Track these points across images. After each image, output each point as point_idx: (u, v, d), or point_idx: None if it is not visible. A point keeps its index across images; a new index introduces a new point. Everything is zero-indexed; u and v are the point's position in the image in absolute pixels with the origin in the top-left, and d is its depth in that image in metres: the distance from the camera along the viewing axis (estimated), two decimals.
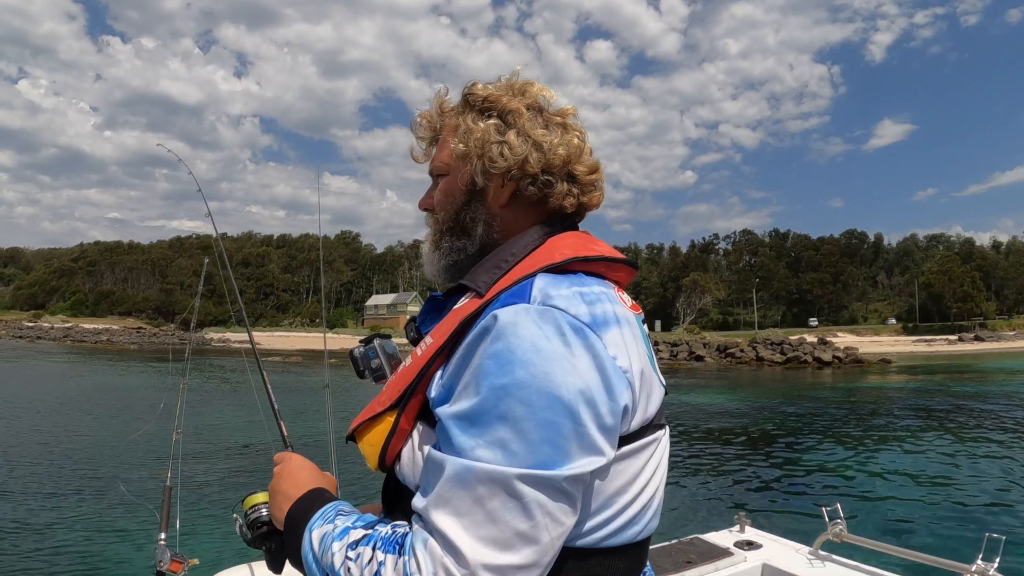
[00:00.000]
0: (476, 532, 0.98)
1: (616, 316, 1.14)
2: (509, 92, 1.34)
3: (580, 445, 1.02)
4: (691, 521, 9.46)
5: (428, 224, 1.42)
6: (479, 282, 1.24)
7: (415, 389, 1.19)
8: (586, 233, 1.37)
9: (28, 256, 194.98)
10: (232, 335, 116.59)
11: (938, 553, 3.11)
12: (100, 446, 14.77)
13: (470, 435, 1.02)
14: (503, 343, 1.04)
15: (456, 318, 1.18)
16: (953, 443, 16.26)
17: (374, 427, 1.23)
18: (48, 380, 32.69)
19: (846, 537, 3.35)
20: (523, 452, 0.99)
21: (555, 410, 1.00)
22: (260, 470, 12.91)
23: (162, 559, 2.84)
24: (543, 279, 1.16)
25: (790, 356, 62.04)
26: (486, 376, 1.04)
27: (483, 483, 0.99)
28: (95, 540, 8.79)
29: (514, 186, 1.31)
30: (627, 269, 1.32)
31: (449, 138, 1.36)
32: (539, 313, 1.07)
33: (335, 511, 1.21)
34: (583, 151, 1.34)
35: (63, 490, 11.19)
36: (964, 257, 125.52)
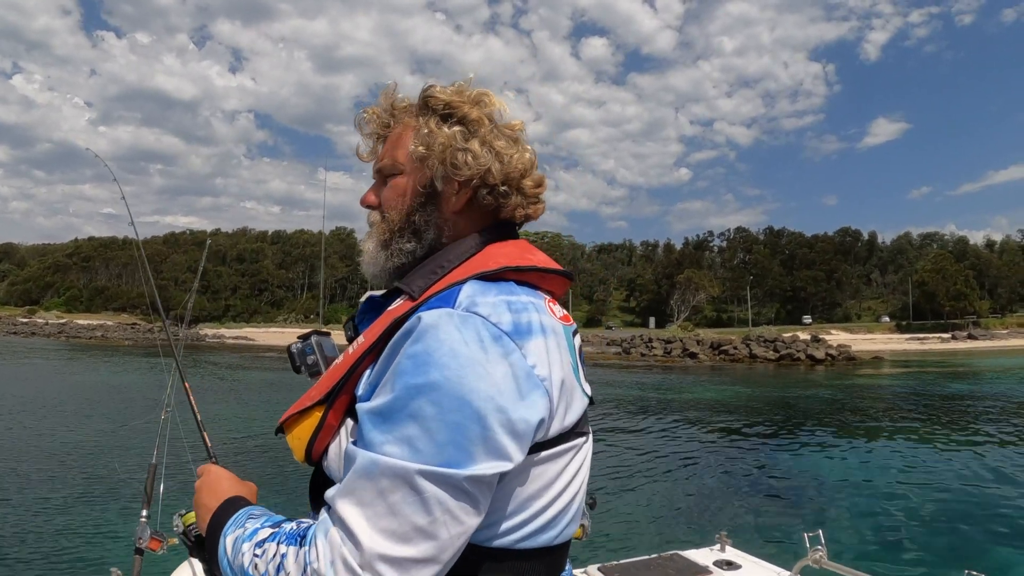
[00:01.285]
0: (376, 523, 1.01)
1: (541, 326, 1.16)
2: (469, 100, 1.35)
3: (485, 449, 1.04)
4: (671, 534, 9.37)
5: (372, 222, 1.42)
6: (414, 286, 1.26)
7: (343, 386, 1.21)
8: (523, 242, 1.39)
9: (22, 251, 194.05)
10: (226, 331, 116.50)
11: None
12: (92, 433, 14.80)
13: (381, 430, 1.05)
14: (422, 345, 1.07)
15: (388, 319, 1.21)
16: (944, 449, 16.14)
17: (302, 421, 1.25)
18: (43, 375, 32.71)
19: (825, 564, 3.33)
20: (428, 450, 1.02)
21: (464, 413, 1.03)
22: (250, 457, 12.98)
23: (142, 536, 2.82)
24: (472, 286, 1.18)
25: (783, 354, 62.11)
26: (402, 375, 1.06)
27: (387, 476, 1.02)
28: (77, 517, 8.87)
29: (469, 193, 1.33)
30: (561, 280, 1.34)
31: (405, 137, 1.37)
32: (461, 319, 1.10)
33: (246, 515, 1.23)
34: (533, 165, 1.38)
35: (52, 473, 11.27)
36: (958, 255, 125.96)
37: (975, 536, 9.74)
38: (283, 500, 10.43)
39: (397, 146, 1.38)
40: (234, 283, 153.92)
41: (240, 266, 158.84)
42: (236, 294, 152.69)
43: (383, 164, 1.39)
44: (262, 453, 14.21)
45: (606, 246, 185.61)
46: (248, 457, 13.77)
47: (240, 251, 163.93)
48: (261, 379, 35.04)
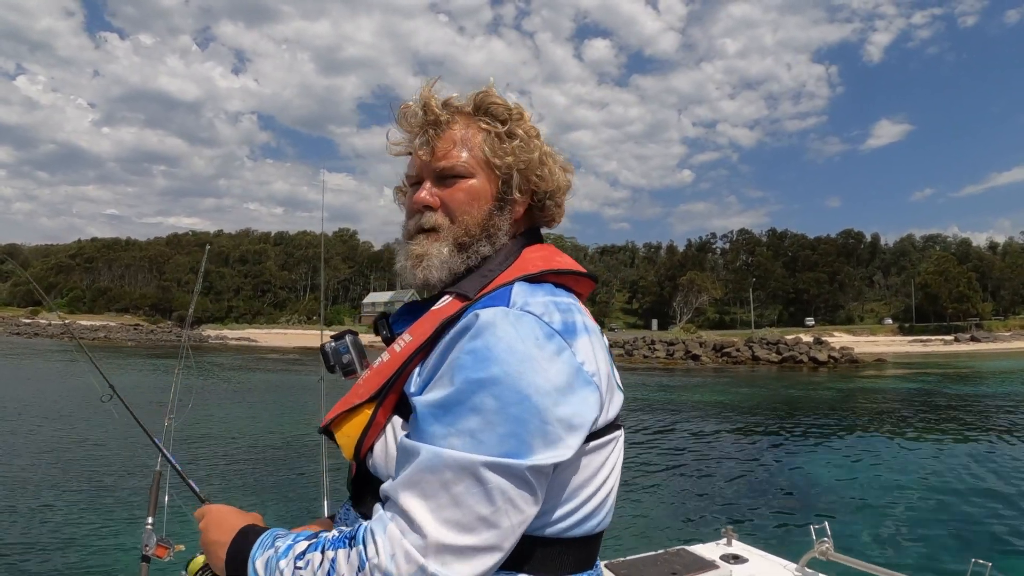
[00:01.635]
0: (440, 514, 1.03)
1: (584, 325, 1.21)
2: (519, 112, 1.41)
3: (544, 441, 1.08)
4: (677, 530, 9.40)
5: (436, 224, 1.37)
6: (469, 287, 1.29)
7: (393, 384, 1.24)
8: (551, 246, 1.44)
9: (25, 252, 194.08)
10: (229, 332, 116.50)
11: (925, 574, 3.15)
12: (95, 438, 14.81)
13: (443, 423, 1.08)
14: (481, 341, 1.11)
15: (436, 317, 1.25)
16: (947, 449, 16.15)
17: (351, 419, 1.27)
18: (45, 376, 32.74)
19: (832, 556, 3.35)
20: (491, 442, 1.05)
21: (524, 407, 1.06)
22: (253, 465, 13.00)
23: (148, 543, 2.83)
24: (520, 287, 1.24)
25: (786, 356, 61.97)
26: (462, 370, 1.10)
27: (451, 468, 1.04)
28: (85, 525, 8.85)
29: (528, 202, 1.41)
30: (589, 283, 1.39)
31: (472, 139, 1.37)
32: (516, 317, 1.14)
33: (271, 537, 1.22)
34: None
35: (56, 478, 11.22)
36: (960, 257, 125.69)
37: (979, 528, 9.82)
38: (292, 502, 10.44)
39: (464, 147, 1.37)
40: (237, 284, 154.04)
41: (243, 267, 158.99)
42: (239, 295, 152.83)
43: (449, 164, 1.36)
44: (269, 455, 14.22)
45: (608, 248, 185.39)
46: (254, 460, 13.76)
47: (243, 252, 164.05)
48: (264, 381, 35.05)
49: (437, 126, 1.37)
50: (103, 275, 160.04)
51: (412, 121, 1.41)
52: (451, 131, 1.37)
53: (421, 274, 1.36)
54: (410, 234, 1.41)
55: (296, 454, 14.27)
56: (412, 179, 1.44)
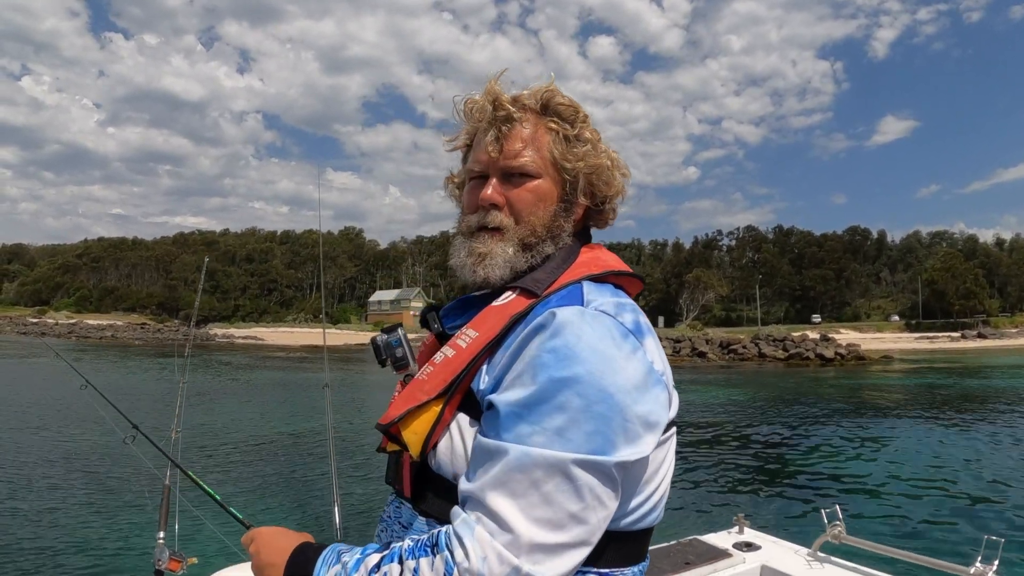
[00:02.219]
0: (531, 513, 1.03)
1: (647, 326, 1.25)
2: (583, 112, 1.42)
3: (626, 438, 1.09)
4: (690, 521, 9.40)
5: (500, 224, 1.35)
6: (536, 285, 1.28)
7: (461, 381, 1.23)
8: (602, 246, 1.47)
9: (32, 252, 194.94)
10: (236, 331, 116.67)
11: (937, 555, 3.09)
12: (104, 444, 14.83)
13: (528, 422, 1.08)
14: (561, 339, 1.11)
15: (504, 313, 1.25)
16: (954, 441, 16.15)
17: (419, 416, 1.24)
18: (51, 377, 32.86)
19: (845, 539, 3.34)
20: (578, 440, 1.06)
21: (608, 405, 1.08)
22: (260, 470, 13.05)
23: (160, 558, 2.85)
24: (589, 286, 1.27)
25: (792, 353, 61.84)
26: (544, 368, 1.10)
27: (540, 467, 1.05)
28: (95, 538, 8.77)
29: (587, 206, 1.42)
30: (639, 283, 1.42)
31: (540, 139, 1.36)
32: (593, 316, 1.16)
33: (335, 553, 1.19)
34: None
35: (63, 488, 11.17)
36: (967, 254, 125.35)
37: (990, 510, 9.91)
38: (302, 505, 10.45)
39: (533, 147, 1.36)
40: (243, 283, 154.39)
41: (249, 266, 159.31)
42: (245, 294, 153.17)
43: (519, 164, 1.35)
44: (277, 456, 14.22)
45: (614, 245, 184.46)
46: (262, 461, 13.75)
47: (249, 251, 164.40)
48: (271, 379, 35.08)
49: (508, 122, 1.35)
50: (110, 274, 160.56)
51: (478, 116, 1.40)
52: (520, 129, 1.36)
53: (483, 272, 1.34)
54: (471, 230, 1.38)
55: (304, 455, 14.24)
56: (475, 174, 1.41)
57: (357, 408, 22.84)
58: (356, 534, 8.68)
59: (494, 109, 1.36)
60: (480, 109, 1.39)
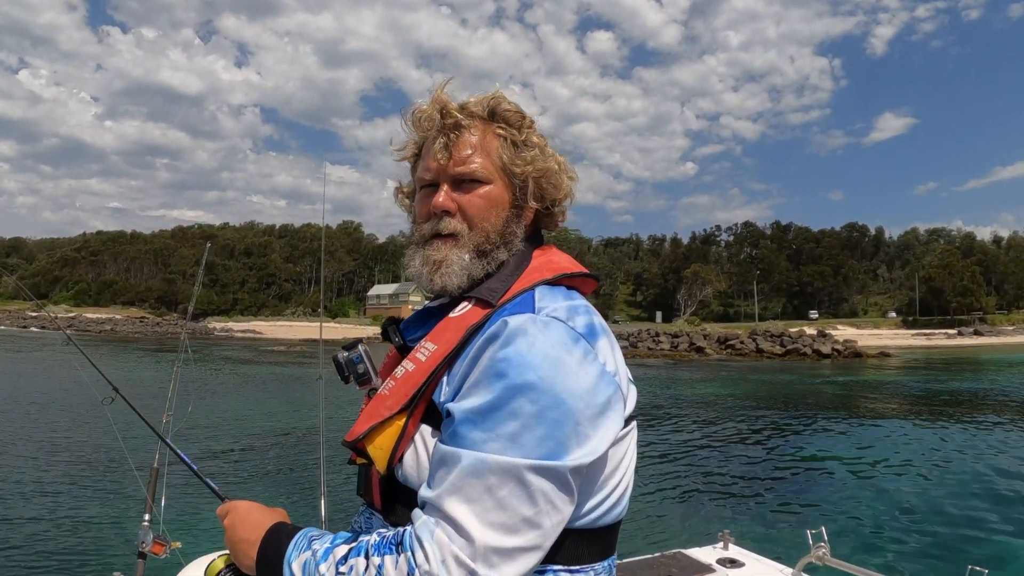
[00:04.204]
0: (486, 518, 1.06)
1: (601, 327, 1.26)
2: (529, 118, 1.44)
3: (579, 441, 1.12)
4: (675, 533, 9.28)
5: (454, 231, 1.36)
6: (491, 294, 1.30)
7: (423, 393, 1.24)
8: (553, 247, 1.48)
9: (30, 246, 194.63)
10: (235, 324, 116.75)
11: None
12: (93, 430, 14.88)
13: (482, 429, 1.10)
14: (514, 347, 1.14)
15: (461, 325, 1.27)
16: (948, 447, 15.99)
17: (383, 431, 1.26)
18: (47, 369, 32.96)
19: (828, 560, 3.34)
20: (531, 445, 1.08)
21: (560, 410, 1.10)
22: (251, 460, 13.17)
23: (144, 540, 2.87)
24: (541, 292, 1.28)
25: (790, 348, 62.00)
26: (498, 376, 1.12)
27: (495, 473, 1.07)
28: (80, 520, 8.82)
29: (536, 209, 1.42)
30: (593, 282, 1.43)
31: (489, 145, 1.37)
32: (544, 323, 1.18)
33: (306, 539, 1.21)
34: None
35: (53, 472, 11.29)
36: (964, 251, 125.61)
37: (979, 532, 9.73)
38: (290, 495, 10.57)
39: (482, 153, 1.37)
40: (242, 277, 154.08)
41: (248, 260, 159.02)
42: (244, 288, 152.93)
43: (469, 170, 1.36)
44: (267, 449, 14.34)
45: (612, 240, 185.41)
46: (251, 454, 13.87)
47: (248, 245, 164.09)
48: (267, 373, 35.21)
49: (457, 129, 1.36)
50: (109, 268, 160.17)
51: (426, 124, 1.40)
52: (469, 136, 1.36)
53: (439, 280, 1.35)
54: (425, 238, 1.39)
55: (295, 447, 14.43)
56: (426, 182, 1.41)
57: (351, 402, 22.60)
58: (342, 525, 8.82)
59: (442, 117, 1.36)
60: (428, 118, 1.39)
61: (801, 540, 3.43)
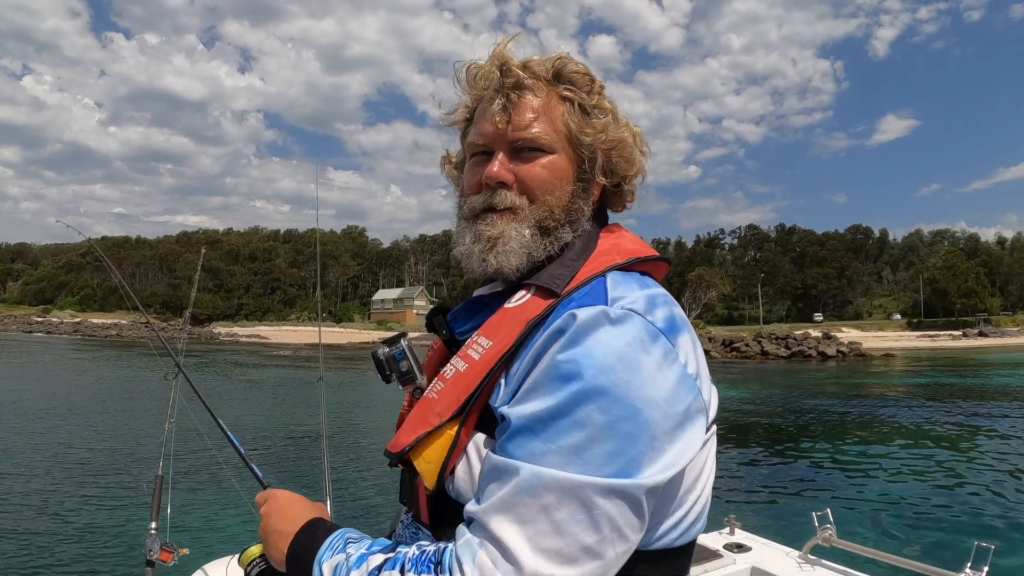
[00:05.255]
0: (539, 543, 0.93)
1: (682, 320, 1.11)
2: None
3: (653, 456, 0.97)
4: None
5: (512, 204, 1.19)
6: (555, 281, 1.13)
7: (477, 397, 1.09)
8: (620, 227, 1.33)
9: (35, 251, 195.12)
10: (240, 329, 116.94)
11: (927, 560, 3.13)
12: (99, 438, 14.92)
13: (542, 439, 0.96)
14: (582, 346, 0.99)
15: (520, 317, 1.10)
16: (951, 441, 16.21)
17: (432, 442, 1.10)
18: (54, 374, 33.12)
19: (835, 542, 3.33)
20: (598, 461, 0.94)
21: (635, 421, 0.95)
22: (256, 458, 13.13)
23: (152, 548, 2.84)
24: (614, 279, 1.12)
25: (794, 350, 61.95)
26: (564, 379, 0.97)
27: (553, 491, 0.93)
28: (87, 529, 8.78)
29: (604, 185, 1.27)
30: (665, 266, 1.27)
31: (554, 110, 1.21)
32: (620, 317, 1.02)
33: (343, 540, 1.13)
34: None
35: (57, 480, 11.23)
36: (969, 253, 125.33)
37: (983, 515, 9.90)
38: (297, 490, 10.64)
39: (545, 117, 1.20)
40: (247, 282, 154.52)
41: (252, 265, 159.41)
42: (249, 293, 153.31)
43: (531, 136, 1.19)
44: (271, 452, 14.42)
45: None
46: (261, 450, 13.98)
47: (252, 250, 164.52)
48: (273, 377, 35.25)
49: (518, 89, 1.19)
50: (113, 273, 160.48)
51: (482, 83, 1.23)
52: (531, 98, 1.20)
53: (495, 260, 1.18)
54: (475, 212, 1.22)
55: (298, 449, 14.50)
56: (478, 148, 1.24)
57: (353, 404, 23.05)
58: (347, 523, 8.89)
59: (502, 75, 1.20)
60: (485, 75, 1.22)
61: (807, 523, 3.46)
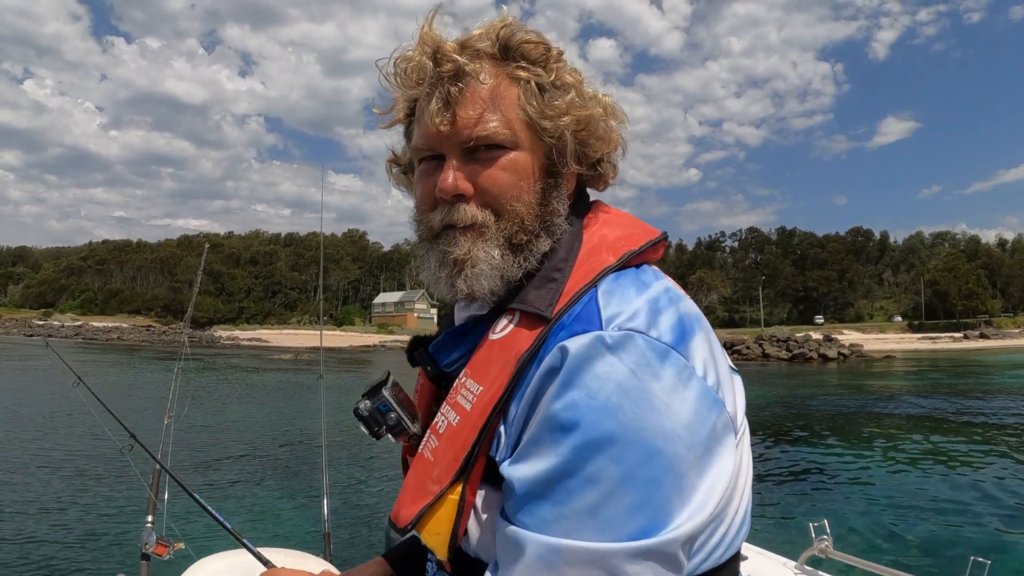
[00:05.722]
0: None
1: (691, 316, 0.96)
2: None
3: (683, 498, 0.84)
4: None
5: (477, 221, 1.01)
6: (541, 303, 0.96)
7: (476, 454, 0.95)
8: (602, 204, 1.16)
9: (36, 255, 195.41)
10: (241, 333, 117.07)
11: (924, 573, 3.19)
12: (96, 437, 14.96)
13: (552, 503, 0.84)
14: (581, 388, 0.85)
15: (508, 354, 0.95)
16: (951, 447, 16.09)
17: (436, 512, 0.97)
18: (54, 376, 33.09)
19: (831, 553, 3.26)
20: (619, 520, 0.82)
21: (655, 464, 0.83)
22: (256, 460, 13.18)
23: (148, 542, 2.86)
24: (606, 290, 0.95)
25: (795, 353, 62.09)
26: (563, 431, 0.84)
27: (573, 565, 0.82)
28: (83, 522, 8.82)
29: (578, 172, 1.08)
30: (663, 244, 1.11)
31: (507, 95, 1.01)
32: (618, 342, 0.87)
33: None
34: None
35: (54, 474, 11.29)
36: (969, 255, 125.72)
37: (981, 527, 9.78)
38: (302, 495, 10.65)
39: (497, 107, 1.00)
40: (248, 285, 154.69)
41: (253, 268, 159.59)
42: (250, 296, 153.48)
43: (484, 133, 0.99)
44: (269, 456, 14.34)
45: None
46: (253, 461, 13.83)
47: (253, 254, 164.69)
48: (272, 380, 35.26)
49: (459, 78, 1.00)
50: (115, 277, 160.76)
51: (416, 76, 1.04)
52: (476, 85, 1.00)
53: (464, 284, 1.01)
54: (434, 231, 1.05)
55: (297, 449, 14.51)
56: (424, 153, 1.05)
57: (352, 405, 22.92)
58: (345, 523, 9.02)
59: (436, 64, 1.01)
60: (417, 67, 1.04)
61: (804, 534, 3.42)
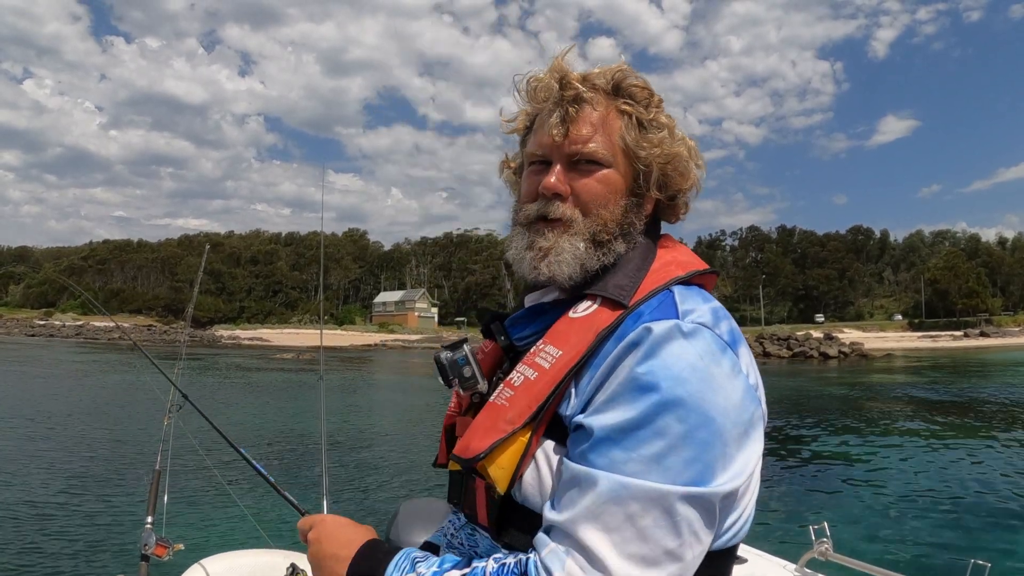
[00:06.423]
0: (625, 549, 0.97)
1: (740, 332, 1.15)
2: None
3: (724, 464, 1.02)
4: None
5: (565, 216, 1.22)
6: (620, 292, 1.16)
7: (548, 406, 1.11)
8: (671, 238, 1.36)
9: (37, 255, 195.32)
10: (242, 332, 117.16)
11: (924, 575, 3.18)
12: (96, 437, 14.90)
13: (623, 448, 1.00)
14: (660, 359, 1.03)
15: (589, 327, 1.14)
16: (951, 448, 15.97)
17: (506, 449, 1.12)
18: (57, 376, 33.24)
19: (832, 556, 3.27)
20: (678, 468, 0.98)
21: (709, 430, 1.00)
22: (256, 456, 13.18)
23: (147, 543, 2.85)
24: (681, 293, 1.15)
25: (796, 351, 62.16)
26: (643, 390, 1.01)
27: (638, 500, 0.97)
28: (83, 522, 8.80)
29: (658, 198, 1.29)
30: (714, 278, 1.31)
31: (611, 124, 1.23)
32: (692, 331, 1.06)
33: (409, 560, 1.13)
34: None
35: (55, 475, 11.27)
36: (969, 253, 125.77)
37: (982, 528, 9.76)
38: (300, 491, 10.70)
39: (603, 131, 1.22)
40: (249, 285, 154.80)
41: (254, 268, 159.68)
42: (251, 296, 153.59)
43: (588, 150, 1.21)
44: (269, 451, 14.48)
45: None
46: (261, 447, 14.07)
47: (254, 253, 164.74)
48: (273, 379, 35.32)
49: (577, 103, 1.22)
50: (116, 277, 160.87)
51: (542, 95, 1.27)
52: (589, 111, 1.22)
53: (547, 269, 1.21)
54: (529, 220, 1.26)
55: (297, 446, 14.60)
56: (536, 158, 1.28)
57: (354, 406, 23.19)
58: None
59: (561, 88, 1.23)
60: (545, 88, 1.26)
61: (804, 536, 3.41)
